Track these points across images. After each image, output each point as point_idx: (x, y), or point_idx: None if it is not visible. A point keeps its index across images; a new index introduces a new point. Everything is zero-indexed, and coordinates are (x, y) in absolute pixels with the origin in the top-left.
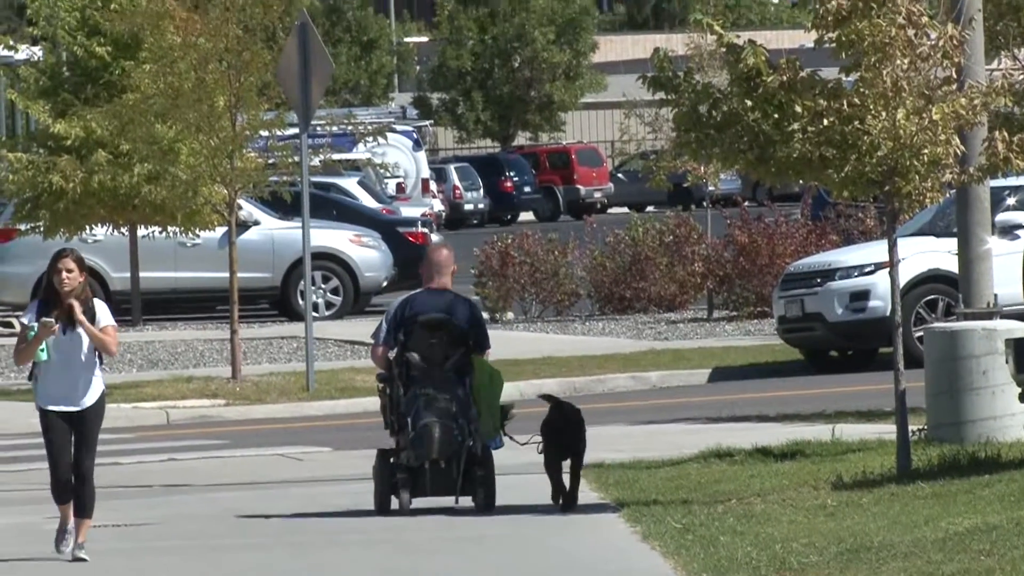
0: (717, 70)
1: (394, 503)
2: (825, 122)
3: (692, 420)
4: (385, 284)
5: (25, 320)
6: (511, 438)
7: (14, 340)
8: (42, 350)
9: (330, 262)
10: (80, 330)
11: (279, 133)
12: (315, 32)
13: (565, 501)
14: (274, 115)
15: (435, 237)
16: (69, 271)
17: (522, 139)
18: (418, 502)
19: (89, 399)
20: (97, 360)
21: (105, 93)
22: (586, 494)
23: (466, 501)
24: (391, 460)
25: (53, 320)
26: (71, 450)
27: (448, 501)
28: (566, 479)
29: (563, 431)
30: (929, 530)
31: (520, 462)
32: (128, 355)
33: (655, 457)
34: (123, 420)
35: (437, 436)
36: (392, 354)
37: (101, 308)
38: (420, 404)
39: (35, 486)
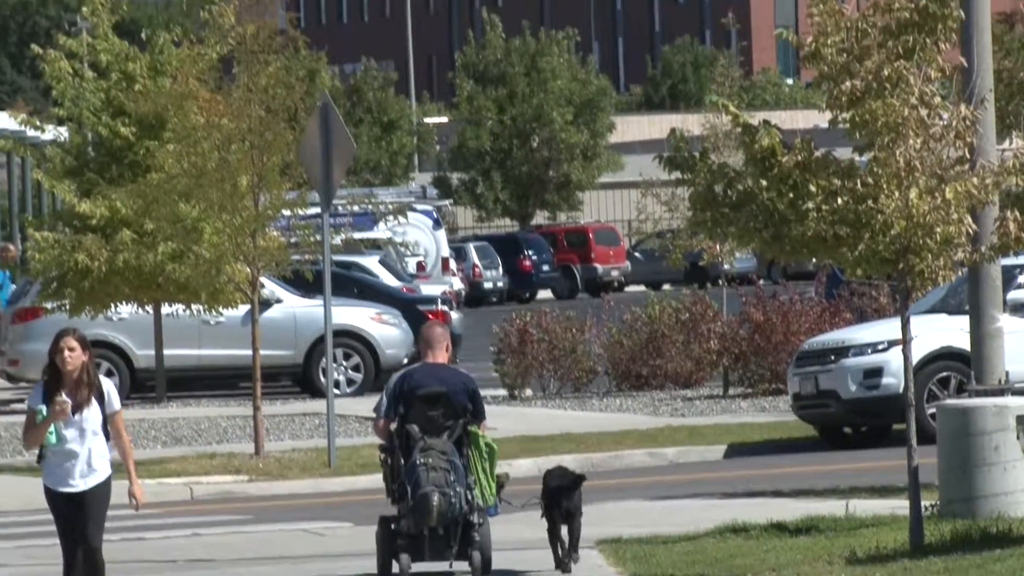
0: (732, 150)
1: (395, 567)
2: (839, 201)
3: (708, 496)
4: (406, 361)
5: (32, 403)
6: (508, 503)
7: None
8: (51, 433)
9: (351, 339)
10: (88, 411)
11: (301, 212)
12: (336, 113)
13: (563, 558)
14: (296, 195)
15: (455, 315)
16: (71, 350)
17: (540, 218)
18: (417, 566)
19: (97, 479)
20: (105, 440)
21: (130, 173)
22: (603, 569)
23: (463, 566)
24: (392, 527)
25: (67, 400)
26: (80, 529)
27: (446, 566)
28: None
29: (558, 490)
30: None
31: (521, 538)
32: (152, 431)
33: (672, 532)
34: (148, 495)
35: (435, 504)
36: (393, 426)
37: (109, 388)
38: (419, 473)
39: (42, 562)
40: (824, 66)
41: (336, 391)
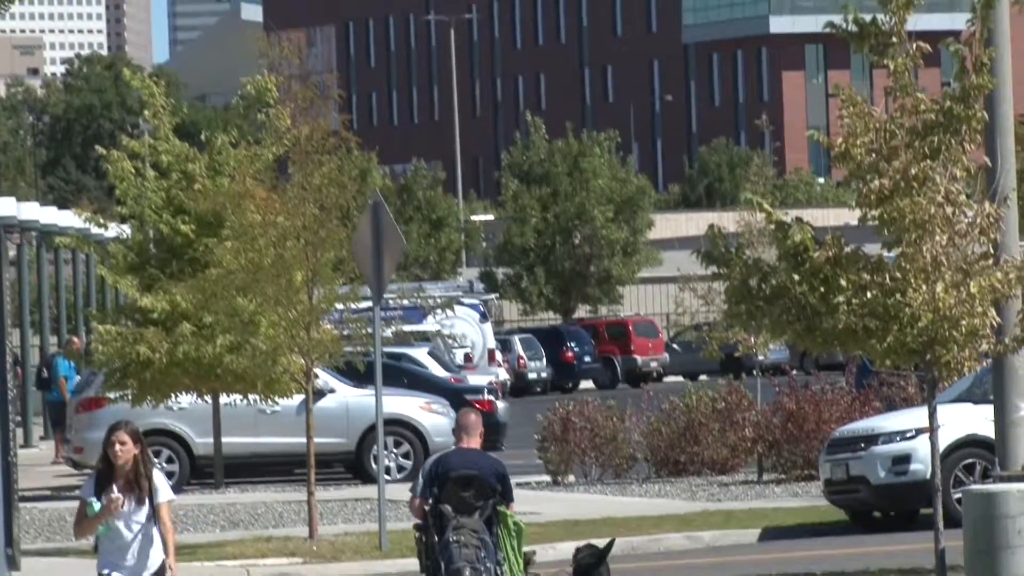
0: (766, 246)
1: None
2: (868, 295)
3: None
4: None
5: (85, 494)
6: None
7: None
8: (102, 524)
9: (402, 428)
10: (138, 502)
11: (353, 306)
12: (387, 211)
13: None
14: (349, 289)
15: (501, 404)
16: (122, 444)
17: (582, 311)
18: None
19: (150, 568)
20: (155, 528)
21: (189, 268)
22: None
23: None
24: None
25: (119, 497)
26: None
27: None
28: None
29: (588, 562)
30: None
31: None
32: (211, 516)
33: None
34: None
35: None
36: (427, 506)
37: (160, 480)
38: (452, 550)
39: None
40: (854, 165)
41: (387, 477)
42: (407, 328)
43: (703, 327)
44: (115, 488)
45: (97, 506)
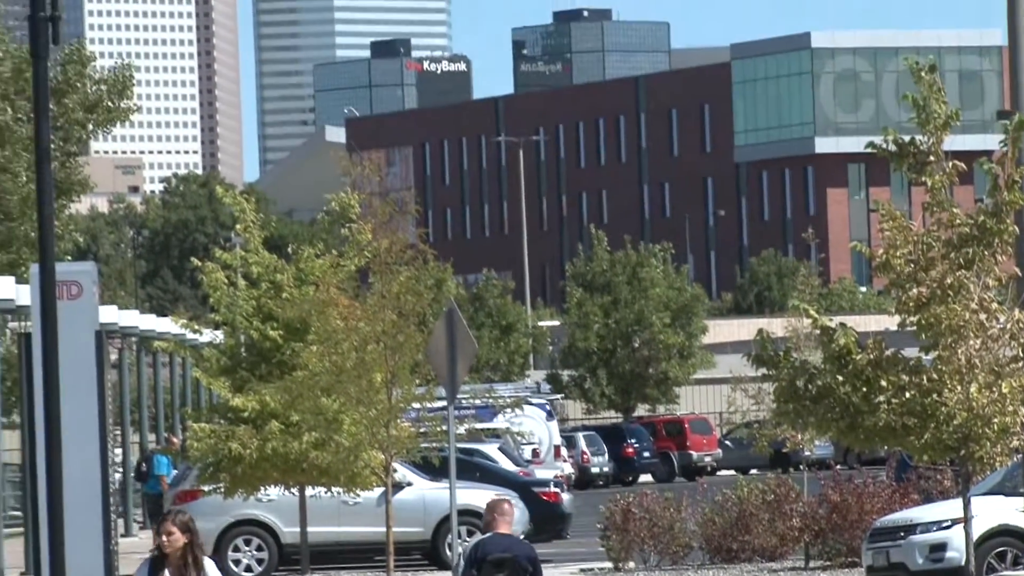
0: (812, 350)
1: None
2: (907, 395)
3: None
4: (522, 537)
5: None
6: None
7: None
8: None
9: (474, 518)
10: None
11: (429, 405)
12: (460, 317)
13: None
14: (425, 389)
15: (566, 496)
16: (170, 534)
17: (641, 410)
18: None
19: None
20: None
21: (277, 371)
22: None
23: None
24: None
25: None
26: None
27: None
28: None
29: None
30: None
31: None
32: None
33: None
34: None
35: None
36: None
37: (211, 569)
38: None
39: None
40: (894, 275)
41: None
42: (479, 425)
43: (753, 425)
44: (167, 574)
45: None
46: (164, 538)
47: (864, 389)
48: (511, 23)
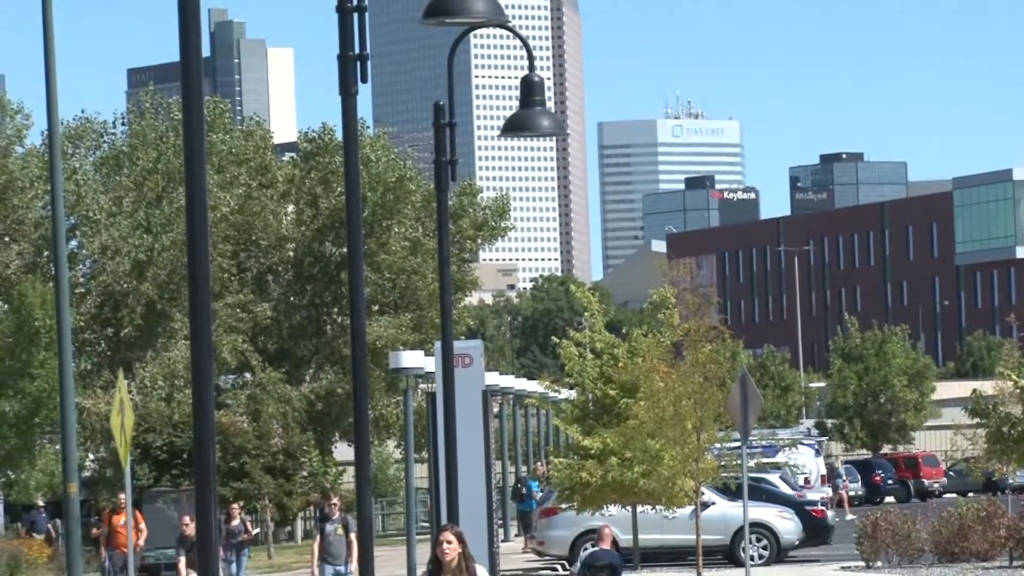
0: (1014, 404)
1: None
2: None
3: None
4: (796, 544)
5: None
6: None
7: None
8: None
9: (761, 529)
10: None
11: (727, 445)
12: (751, 380)
13: None
14: (724, 433)
15: (830, 513)
16: (449, 543)
17: (886, 448)
18: None
19: None
20: None
21: (615, 420)
22: None
23: None
24: None
25: None
26: None
27: None
28: None
29: None
30: None
31: None
32: None
33: None
34: None
35: None
36: None
37: (482, 573)
38: None
39: None
40: None
41: (752, 562)
42: (764, 460)
43: (970, 460)
44: None
45: None
46: (444, 547)
47: None
48: (788, 163)
